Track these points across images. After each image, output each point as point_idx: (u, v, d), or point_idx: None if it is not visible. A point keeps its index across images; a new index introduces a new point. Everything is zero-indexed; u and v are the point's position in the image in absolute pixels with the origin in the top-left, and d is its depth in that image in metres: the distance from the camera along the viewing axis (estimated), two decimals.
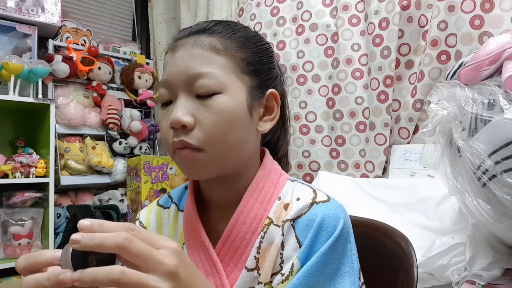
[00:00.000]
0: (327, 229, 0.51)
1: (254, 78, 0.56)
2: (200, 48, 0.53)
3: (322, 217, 0.51)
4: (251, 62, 0.56)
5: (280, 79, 0.63)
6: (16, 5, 1.87)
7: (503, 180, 0.77)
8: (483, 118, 0.79)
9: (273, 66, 0.60)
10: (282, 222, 0.54)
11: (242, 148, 0.55)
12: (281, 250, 0.53)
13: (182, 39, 0.55)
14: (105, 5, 2.54)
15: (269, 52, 0.60)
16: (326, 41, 1.70)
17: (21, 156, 1.81)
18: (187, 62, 0.53)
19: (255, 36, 0.60)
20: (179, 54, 0.54)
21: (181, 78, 0.53)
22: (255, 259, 0.53)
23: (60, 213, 1.99)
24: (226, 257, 0.55)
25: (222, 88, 0.52)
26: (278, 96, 0.59)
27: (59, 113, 2.02)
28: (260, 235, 0.54)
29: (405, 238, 0.68)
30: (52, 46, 2.06)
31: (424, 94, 1.40)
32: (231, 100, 0.53)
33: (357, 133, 1.62)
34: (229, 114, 0.52)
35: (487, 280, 0.86)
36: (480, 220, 0.87)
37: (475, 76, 0.85)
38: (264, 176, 0.58)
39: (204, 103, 0.52)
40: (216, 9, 2.08)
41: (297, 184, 0.59)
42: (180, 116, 0.51)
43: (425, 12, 1.44)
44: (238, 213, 0.55)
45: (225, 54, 0.54)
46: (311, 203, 0.53)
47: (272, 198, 0.57)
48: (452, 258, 0.95)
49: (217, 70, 0.52)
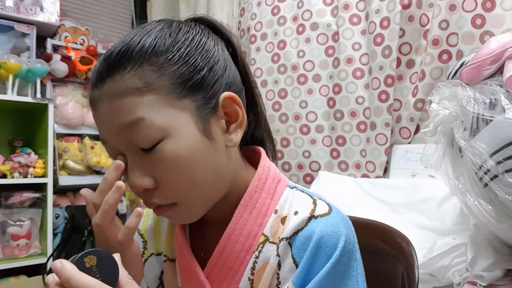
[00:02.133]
0: (326, 249, 0.44)
1: (196, 95, 0.46)
2: (117, 98, 0.44)
3: (320, 235, 0.45)
4: (184, 79, 0.45)
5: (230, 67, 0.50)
6: (15, 4, 1.86)
7: (504, 180, 0.76)
8: (485, 118, 0.79)
9: (214, 60, 0.47)
10: (278, 240, 0.48)
11: (217, 178, 0.48)
12: (278, 270, 0.48)
13: (96, 88, 0.46)
14: (104, 4, 2.53)
15: (202, 47, 0.47)
16: (327, 41, 1.69)
17: (20, 156, 1.80)
18: (113, 119, 0.44)
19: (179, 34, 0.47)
20: (101, 111, 0.46)
21: (116, 137, 0.45)
22: (249, 280, 0.49)
23: (59, 214, 1.98)
24: (218, 276, 0.50)
25: (164, 132, 0.44)
26: (235, 97, 0.48)
27: (57, 113, 2.01)
28: (254, 255, 0.49)
29: (406, 239, 0.67)
30: (50, 45, 2.05)
31: (425, 93, 1.40)
32: (180, 142, 0.44)
33: (358, 133, 1.61)
34: (184, 158, 0.45)
35: (489, 281, 0.85)
36: (481, 221, 0.86)
37: (477, 75, 0.84)
38: (259, 187, 0.51)
39: (152, 157, 0.45)
40: (217, 8, 2.07)
41: (297, 193, 0.52)
42: (136, 182, 0.46)
43: (426, 11, 1.43)
44: (230, 231, 0.49)
45: (149, 90, 0.43)
46: (308, 218, 0.47)
47: (268, 211, 0.51)
48: (454, 259, 0.95)
49: (148, 113, 0.43)
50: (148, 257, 0.59)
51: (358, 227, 0.76)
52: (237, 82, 0.52)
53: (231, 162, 0.51)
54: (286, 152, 1.78)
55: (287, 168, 1.79)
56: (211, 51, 0.48)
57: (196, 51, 0.47)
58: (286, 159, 1.79)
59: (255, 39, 1.86)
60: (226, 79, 0.49)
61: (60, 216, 1.98)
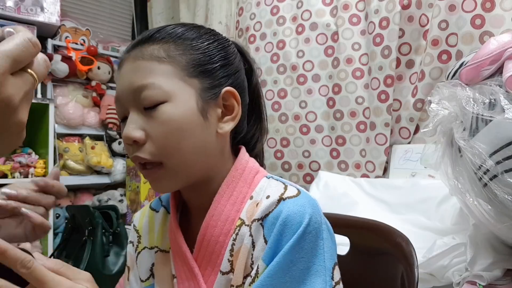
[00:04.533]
0: (292, 227, 0.48)
1: (204, 79, 0.54)
2: (141, 60, 0.52)
3: (286, 214, 0.48)
4: (199, 64, 0.53)
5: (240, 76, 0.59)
6: (15, 4, 1.86)
7: (504, 180, 0.76)
8: (484, 118, 0.79)
9: (228, 62, 0.57)
10: (251, 222, 0.52)
11: (202, 154, 0.54)
12: (252, 251, 0.51)
13: (127, 53, 0.55)
14: (104, 5, 2.54)
15: (222, 49, 0.57)
16: (326, 41, 1.69)
17: (20, 156, 1.81)
18: (130, 77, 0.52)
19: (206, 34, 0.57)
20: (123, 69, 0.54)
21: (128, 94, 0.52)
22: (229, 262, 0.52)
23: (59, 214, 1.99)
24: (204, 261, 0.54)
25: (167, 97, 0.51)
26: (236, 94, 0.55)
27: (58, 113, 2.01)
28: (232, 237, 0.53)
29: (406, 239, 0.67)
30: (51, 45, 2.05)
31: (425, 93, 1.40)
32: (178, 108, 0.51)
33: (358, 133, 1.61)
34: (177, 122, 0.51)
35: (488, 280, 0.86)
36: (481, 221, 0.86)
37: (476, 75, 0.84)
38: (236, 177, 0.56)
39: (151, 115, 0.51)
40: (215, 8, 2.07)
41: (272, 181, 0.56)
42: (129, 132, 0.51)
43: (426, 12, 1.43)
44: (209, 216, 0.54)
45: (168, 61, 0.52)
46: (278, 200, 0.51)
47: (245, 198, 0.55)
48: (453, 259, 0.95)
49: (160, 79, 0.51)
50: (141, 250, 0.64)
51: (358, 227, 0.76)
52: (242, 88, 0.59)
53: (217, 147, 0.56)
54: (286, 152, 1.78)
55: (287, 168, 1.79)
56: (229, 55, 0.57)
57: (216, 49, 0.56)
58: (286, 159, 1.79)
59: (254, 39, 1.86)
60: (234, 80, 0.57)
61: (60, 216, 1.98)
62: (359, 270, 0.71)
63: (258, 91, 0.64)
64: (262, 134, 0.65)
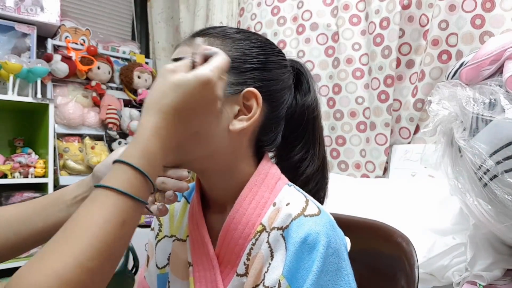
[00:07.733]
0: (313, 246, 0.47)
1: (233, 74, 0.54)
2: (186, 46, 0.56)
3: (307, 232, 0.48)
4: (233, 59, 0.54)
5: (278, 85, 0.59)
6: (15, 4, 1.86)
7: (504, 180, 0.76)
8: (484, 118, 0.79)
9: (264, 68, 0.57)
10: (270, 229, 0.52)
11: (205, 142, 0.53)
12: (270, 261, 0.51)
13: (180, 43, 0.59)
14: (104, 5, 2.53)
15: (263, 55, 0.57)
16: (327, 41, 1.69)
17: (20, 156, 1.80)
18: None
19: (253, 40, 0.58)
20: (175, 52, 0.58)
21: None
22: (245, 265, 0.53)
23: None
24: (225, 258, 0.56)
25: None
26: (258, 96, 0.55)
27: (58, 113, 2.01)
28: (251, 242, 0.53)
29: (406, 239, 0.67)
30: (51, 45, 2.05)
31: (425, 93, 1.40)
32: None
33: (358, 133, 1.61)
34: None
35: (488, 280, 0.86)
36: (481, 221, 0.86)
37: (476, 75, 0.84)
38: (259, 181, 0.56)
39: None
40: (216, 8, 2.07)
41: (293, 190, 0.57)
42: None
43: (426, 12, 1.43)
44: (230, 219, 0.55)
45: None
46: (298, 214, 0.50)
47: (267, 204, 0.55)
48: (453, 259, 0.95)
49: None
50: (162, 238, 0.67)
51: (358, 227, 0.76)
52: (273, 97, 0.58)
53: (227, 144, 0.55)
54: None
55: None
56: (269, 62, 0.57)
57: (256, 52, 0.57)
58: None
59: None
60: (264, 85, 0.56)
61: None
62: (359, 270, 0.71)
63: (309, 115, 0.63)
64: (313, 159, 0.64)
